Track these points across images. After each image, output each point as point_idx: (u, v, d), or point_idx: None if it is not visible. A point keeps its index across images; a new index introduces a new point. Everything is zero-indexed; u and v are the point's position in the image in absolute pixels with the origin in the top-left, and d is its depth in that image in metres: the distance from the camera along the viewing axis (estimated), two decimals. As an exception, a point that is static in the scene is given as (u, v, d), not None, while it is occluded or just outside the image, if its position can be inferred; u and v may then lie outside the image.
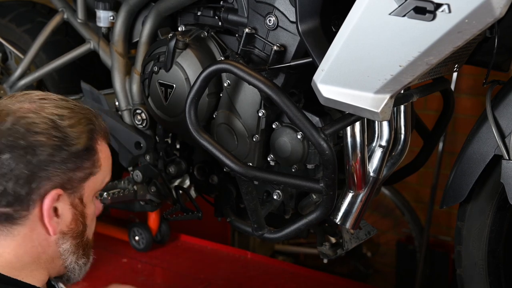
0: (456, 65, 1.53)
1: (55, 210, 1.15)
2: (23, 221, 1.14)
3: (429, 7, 1.04)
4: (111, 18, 1.91)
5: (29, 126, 1.12)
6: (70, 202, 1.17)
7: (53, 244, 1.19)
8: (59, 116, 1.15)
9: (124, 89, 1.87)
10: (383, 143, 1.53)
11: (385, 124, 1.52)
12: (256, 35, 1.52)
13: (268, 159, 1.61)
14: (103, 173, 1.23)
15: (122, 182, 1.98)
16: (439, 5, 1.03)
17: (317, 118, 1.54)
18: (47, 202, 1.13)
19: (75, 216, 1.19)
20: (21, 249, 1.17)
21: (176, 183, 1.94)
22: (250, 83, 1.40)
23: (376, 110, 1.23)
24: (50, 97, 1.20)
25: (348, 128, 1.45)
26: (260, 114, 1.56)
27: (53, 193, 1.13)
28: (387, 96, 1.22)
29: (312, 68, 1.33)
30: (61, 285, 1.33)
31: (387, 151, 1.54)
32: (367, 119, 1.44)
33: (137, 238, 2.51)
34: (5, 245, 1.16)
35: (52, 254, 1.20)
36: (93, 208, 1.24)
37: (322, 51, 1.30)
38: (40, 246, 1.18)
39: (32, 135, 1.11)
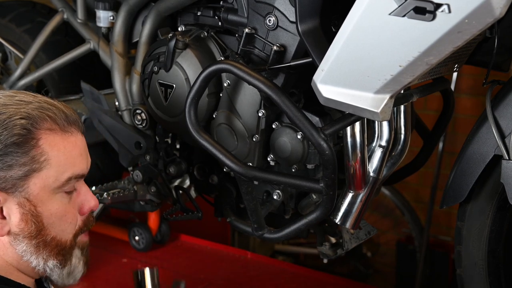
0: (456, 65, 1.53)
1: (1, 210, 1.13)
2: None
3: (429, 7, 1.04)
4: (111, 18, 1.91)
5: None
6: (17, 201, 1.14)
7: (8, 245, 1.16)
8: None
9: (124, 89, 1.87)
10: (383, 143, 1.53)
11: (385, 124, 1.52)
12: (256, 35, 1.52)
13: (268, 159, 1.61)
14: (55, 168, 1.15)
15: (122, 182, 1.98)
16: (439, 5, 1.03)
17: (317, 118, 1.54)
18: None
19: (24, 216, 1.14)
20: None
21: (176, 183, 1.94)
22: (250, 83, 1.40)
23: (376, 110, 1.23)
24: (4, 94, 1.17)
25: (348, 128, 1.45)
26: (260, 114, 1.56)
27: None
28: (387, 96, 1.22)
29: (312, 68, 1.33)
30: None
31: (387, 151, 1.54)
32: (367, 119, 1.44)
33: (137, 238, 2.51)
34: None
35: (13, 255, 1.17)
36: (56, 206, 1.17)
37: (322, 51, 1.30)
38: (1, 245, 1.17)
39: None
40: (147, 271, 1.71)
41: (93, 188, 1.94)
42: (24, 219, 1.15)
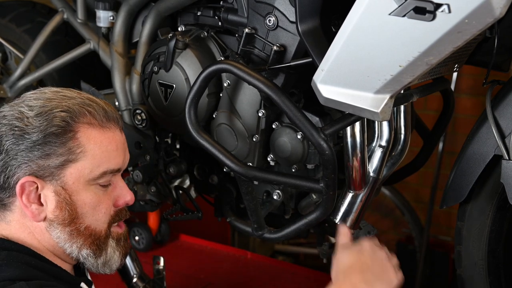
0: (456, 65, 1.53)
1: (39, 197, 1.21)
2: (12, 208, 1.22)
3: (429, 7, 1.04)
4: (111, 18, 1.90)
5: (0, 119, 1.21)
6: (53, 189, 1.20)
7: (44, 231, 1.23)
8: (30, 107, 1.20)
9: (124, 89, 1.87)
10: (383, 143, 1.53)
11: (385, 124, 1.52)
12: (256, 35, 1.52)
13: (268, 159, 1.61)
14: (91, 161, 1.21)
15: (122, 182, 1.98)
16: (439, 5, 1.03)
17: (317, 118, 1.54)
18: (18, 189, 1.19)
19: (59, 203, 1.21)
20: (21, 235, 1.23)
21: (176, 183, 1.94)
22: (250, 83, 1.40)
23: (376, 110, 1.23)
24: (51, 89, 1.26)
25: (348, 128, 1.45)
26: (260, 114, 1.56)
27: (23, 180, 1.18)
28: (387, 96, 1.22)
29: (312, 68, 1.33)
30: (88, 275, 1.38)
31: (387, 151, 1.54)
32: (367, 119, 1.44)
33: (137, 238, 2.51)
34: (4, 229, 1.24)
35: (49, 241, 1.23)
36: (90, 197, 1.23)
37: (322, 51, 1.30)
38: (36, 233, 1.23)
39: (0, 127, 1.20)
40: (161, 259, 1.91)
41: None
42: (59, 206, 1.21)
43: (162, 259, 1.96)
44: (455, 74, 2.76)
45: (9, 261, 1.16)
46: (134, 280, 1.85)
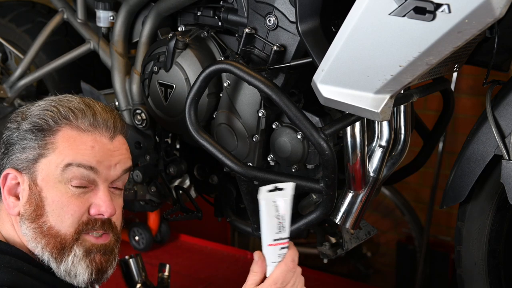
0: (456, 65, 1.53)
1: (17, 191, 1.26)
2: (2, 197, 1.28)
3: (429, 7, 1.04)
4: (111, 18, 1.90)
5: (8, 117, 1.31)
6: (28, 183, 1.25)
7: (18, 225, 1.26)
8: (35, 106, 1.29)
9: (124, 89, 1.87)
10: (383, 143, 1.53)
11: (385, 124, 1.52)
12: (256, 35, 1.52)
13: (268, 159, 1.61)
14: (57, 155, 1.23)
15: (122, 182, 1.98)
16: (439, 5, 1.03)
17: (317, 118, 1.54)
18: (1, 179, 1.27)
19: (30, 198, 1.24)
20: (7, 225, 1.28)
21: (176, 183, 1.94)
22: (250, 83, 1.40)
23: (376, 110, 1.23)
24: (66, 96, 1.33)
25: (348, 128, 1.45)
26: (260, 114, 1.56)
27: (5, 172, 1.26)
28: (387, 96, 1.22)
29: (312, 68, 1.33)
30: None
31: (387, 151, 1.54)
32: (367, 119, 1.44)
33: (137, 238, 2.51)
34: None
35: (22, 236, 1.26)
36: (59, 195, 1.22)
37: (322, 51, 1.30)
38: (15, 225, 1.26)
39: (7, 122, 1.31)
40: (131, 260, 1.85)
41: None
42: (29, 201, 1.24)
43: (168, 267, 1.93)
44: (455, 74, 2.76)
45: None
46: (138, 286, 1.84)
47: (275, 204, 1.22)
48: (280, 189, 1.24)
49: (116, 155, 1.29)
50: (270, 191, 1.24)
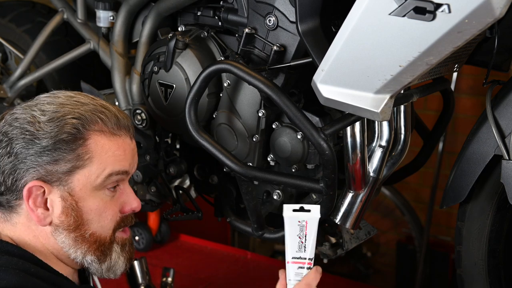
0: (456, 65, 1.53)
1: (46, 202, 1.21)
2: (19, 210, 1.23)
3: (429, 7, 1.04)
4: (111, 18, 1.90)
5: (12, 121, 1.21)
6: (60, 194, 1.21)
7: (49, 235, 1.23)
8: (42, 112, 1.21)
9: (124, 89, 1.87)
10: (383, 143, 1.53)
11: (385, 124, 1.52)
12: (256, 35, 1.52)
13: (268, 159, 1.61)
14: (97, 166, 1.21)
15: (122, 182, 1.97)
16: (439, 5, 1.03)
17: (317, 118, 1.54)
18: (25, 192, 1.19)
19: (65, 209, 1.21)
20: (26, 237, 1.23)
21: (176, 183, 1.94)
22: (250, 83, 1.40)
23: (376, 110, 1.23)
24: (64, 94, 1.26)
25: (348, 128, 1.45)
26: (260, 114, 1.56)
27: (31, 184, 1.19)
28: (387, 96, 1.22)
29: (312, 68, 1.33)
30: (96, 278, 1.37)
31: (387, 151, 1.54)
32: (367, 119, 1.44)
33: (137, 238, 2.51)
34: (9, 230, 1.24)
35: (54, 245, 1.23)
36: (97, 203, 1.23)
37: (322, 51, 1.30)
38: (41, 236, 1.23)
39: (12, 130, 1.21)
40: (135, 262, 1.83)
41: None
42: (65, 212, 1.21)
43: (172, 272, 1.94)
44: (455, 74, 2.76)
45: (7, 267, 1.15)
46: None
47: (300, 224, 1.26)
48: (307, 210, 1.27)
49: (135, 154, 1.31)
50: (295, 210, 1.27)
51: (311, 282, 1.25)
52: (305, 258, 1.26)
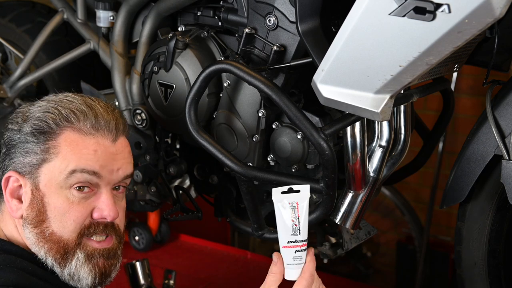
0: (456, 65, 1.53)
1: (21, 194, 1.25)
2: (4, 199, 1.28)
3: (429, 7, 1.04)
4: (111, 18, 1.90)
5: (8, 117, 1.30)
6: (31, 188, 1.24)
7: (21, 228, 1.25)
8: (36, 107, 1.27)
9: (124, 89, 1.87)
10: (383, 143, 1.53)
11: (385, 124, 1.52)
12: (256, 35, 1.52)
13: (268, 159, 1.61)
14: (61, 161, 1.22)
15: (122, 182, 1.97)
16: (439, 5, 1.03)
17: (317, 118, 1.54)
18: (3, 182, 1.26)
19: (32, 202, 1.23)
20: (10, 226, 1.27)
21: (176, 183, 1.94)
22: (250, 83, 1.40)
23: (376, 110, 1.23)
24: (65, 94, 1.32)
25: (348, 128, 1.45)
26: (260, 114, 1.56)
27: (7, 174, 1.26)
28: (387, 96, 1.22)
29: (312, 68, 1.33)
30: None
31: (387, 151, 1.54)
32: (367, 119, 1.44)
33: (137, 238, 2.51)
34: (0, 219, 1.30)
35: (25, 240, 1.25)
36: (61, 201, 1.22)
37: (322, 51, 1.30)
38: (18, 227, 1.26)
39: (7, 123, 1.29)
40: (137, 264, 1.82)
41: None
42: (31, 205, 1.23)
43: (174, 274, 1.93)
44: (455, 74, 2.76)
45: (5, 265, 1.15)
46: None
47: (291, 206, 1.23)
48: (297, 191, 1.24)
49: (119, 158, 1.28)
50: (284, 192, 1.24)
51: (313, 271, 1.24)
52: (301, 241, 1.23)
